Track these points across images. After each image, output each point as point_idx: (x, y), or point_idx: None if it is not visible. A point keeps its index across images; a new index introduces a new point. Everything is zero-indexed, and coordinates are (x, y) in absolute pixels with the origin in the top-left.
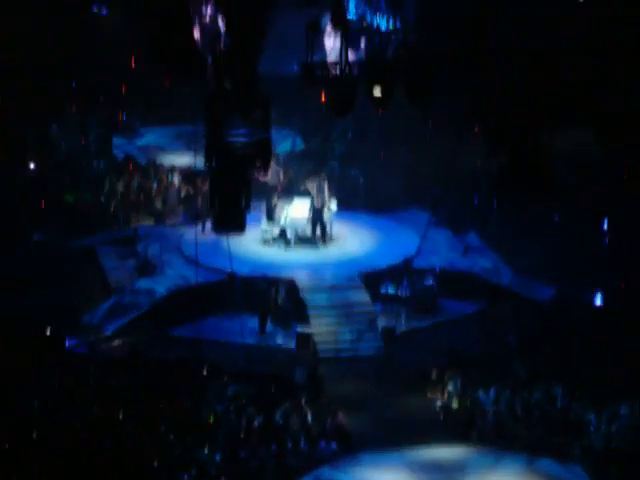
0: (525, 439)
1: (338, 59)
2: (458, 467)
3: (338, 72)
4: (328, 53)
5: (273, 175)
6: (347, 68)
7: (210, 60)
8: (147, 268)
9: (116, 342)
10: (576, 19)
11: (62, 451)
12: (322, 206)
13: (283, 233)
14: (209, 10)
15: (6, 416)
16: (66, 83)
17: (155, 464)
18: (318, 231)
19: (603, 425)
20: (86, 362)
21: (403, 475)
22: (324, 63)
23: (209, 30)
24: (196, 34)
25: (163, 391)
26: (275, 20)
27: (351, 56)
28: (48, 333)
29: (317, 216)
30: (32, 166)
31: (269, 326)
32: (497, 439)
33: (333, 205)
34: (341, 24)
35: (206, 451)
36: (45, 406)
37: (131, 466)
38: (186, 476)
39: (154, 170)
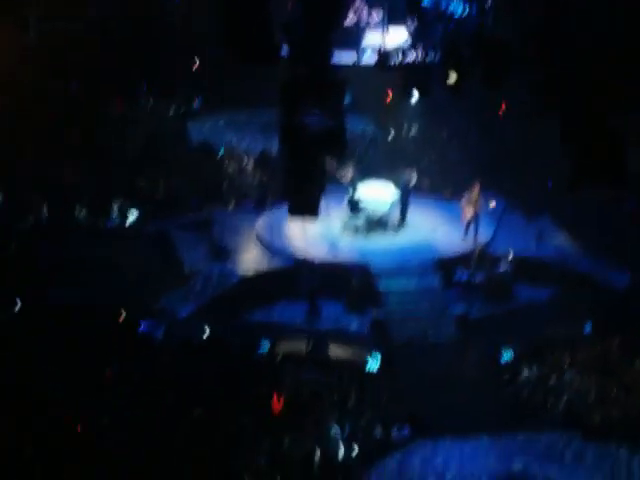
0: (598, 425)
1: (413, 46)
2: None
3: (413, 59)
4: (404, 40)
5: None
6: (422, 55)
7: (286, 46)
8: (221, 253)
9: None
10: None
11: (134, 439)
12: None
13: (374, 218)
14: None
15: (78, 398)
16: (141, 69)
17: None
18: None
19: None
20: (160, 346)
21: (477, 461)
22: (399, 50)
23: (286, 15)
24: (272, 20)
25: (235, 376)
26: None
27: (426, 43)
28: (122, 317)
29: (404, 199)
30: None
31: (344, 311)
32: (570, 425)
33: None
34: (416, 11)
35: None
36: (117, 390)
37: (205, 452)
38: (262, 461)
39: (229, 154)
